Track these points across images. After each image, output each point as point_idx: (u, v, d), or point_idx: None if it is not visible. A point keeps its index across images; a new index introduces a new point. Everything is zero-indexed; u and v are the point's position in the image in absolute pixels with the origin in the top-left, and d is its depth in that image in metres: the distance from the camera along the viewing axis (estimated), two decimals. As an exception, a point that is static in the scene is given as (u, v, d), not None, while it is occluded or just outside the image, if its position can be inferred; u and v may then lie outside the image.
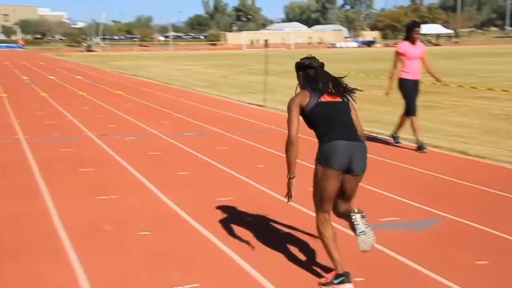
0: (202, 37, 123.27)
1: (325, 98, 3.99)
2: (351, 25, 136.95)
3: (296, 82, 4.21)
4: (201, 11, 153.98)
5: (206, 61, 42.77)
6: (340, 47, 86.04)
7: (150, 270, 4.28)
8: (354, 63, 36.39)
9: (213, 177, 7.24)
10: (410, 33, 8.88)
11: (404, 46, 8.91)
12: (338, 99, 4.04)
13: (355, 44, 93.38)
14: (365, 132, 4.33)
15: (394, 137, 9.35)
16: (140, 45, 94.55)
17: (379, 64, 34.53)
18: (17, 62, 40.96)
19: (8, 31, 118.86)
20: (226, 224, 5.32)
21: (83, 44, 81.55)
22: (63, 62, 41.86)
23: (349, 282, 3.84)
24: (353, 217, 3.96)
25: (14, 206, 5.87)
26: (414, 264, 4.37)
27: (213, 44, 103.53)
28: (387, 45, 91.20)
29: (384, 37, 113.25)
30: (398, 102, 11.37)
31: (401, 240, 4.89)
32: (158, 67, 34.43)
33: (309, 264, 4.37)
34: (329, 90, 4.02)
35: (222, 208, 5.83)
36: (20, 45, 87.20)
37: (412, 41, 8.86)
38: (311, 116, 3.99)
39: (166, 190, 6.49)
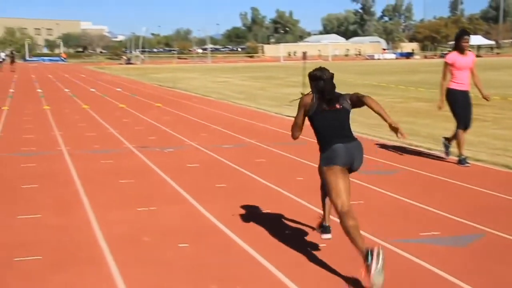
0: (239, 50, 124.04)
1: (328, 107, 4.55)
2: (389, 36, 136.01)
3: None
4: (238, 24, 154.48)
5: (243, 73, 42.98)
6: (378, 59, 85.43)
7: (189, 282, 4.30)
8: (393, 75, 36.06)
9: (252, 189, 7.25)
10: (458, 42, 8.64)
11: (453, 56, 8.69)
12: (339, 107, 4.56)
13: (393, 56, 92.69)
14: (404, 145, 4.52)
15: (446, 146, 9.10)
16: (178, 58, 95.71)
17: (418, 76, 34.16)
18: (60, 75, 41.91)
19: (51, 45, 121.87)
20: (264, 237, 5.31)
21: (123, 57, 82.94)
22: (103, 74, 42.66)
23: (375, 251, 3.99)
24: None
25: (56, 217, 5.98)
26: (456, 280, 4.27)
27: (251, 57, 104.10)
28: (426, 57, 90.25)
29: (423, 48, 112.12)
30: (437, 115, 11.22)
31: (442, 255, 4.80)
32: (196, 80, 34.74)
33: (350, 279, 4.32)
34: (332, 99, 4.56)
35: (261, 220, 5.83)
36: (63, 59, 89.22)
37: (461, 51, 8.63)
38: (313, 120, 4.63)
39: (204, 202, 6.52)
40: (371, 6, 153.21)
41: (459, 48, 8.62)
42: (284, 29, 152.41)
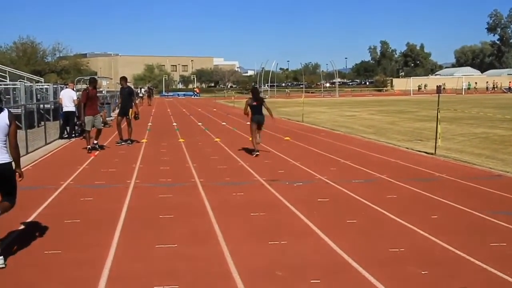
0: (367, 83, 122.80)
1: (255, 102, 14.16)
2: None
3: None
4: (367, 58, 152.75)
5: (372, 107, 42.46)
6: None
7: (321, 319, 4.23)
8: (533, 109, 33.83)
9: (383, 226, 7.06)
10: None
11: None
12: (259, 103, 14.18)
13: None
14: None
15: None
16: (306, 92, 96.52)
17: None
18: (193, 109, 43.80)
19: (186, 80, 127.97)
20: (399, 277, 5.13)
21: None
22: (233, 108, 43.92)
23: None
24: (258, 139, 14.29)
25: (192, 248, 6.17)
26: None
27: (379, 90, 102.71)
28: None
29: None
30: None
31: None
32: (324, 113, 34.81)
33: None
34: (257, 99, 14.30)
35: (394, 259, 5.65)
36: (196, 93, 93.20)
37: None
38: (250, 107, 14.20)
39: (335, 237, 6.45)
40: (510, 37, 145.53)
41: None
42: (414, 62, 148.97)
